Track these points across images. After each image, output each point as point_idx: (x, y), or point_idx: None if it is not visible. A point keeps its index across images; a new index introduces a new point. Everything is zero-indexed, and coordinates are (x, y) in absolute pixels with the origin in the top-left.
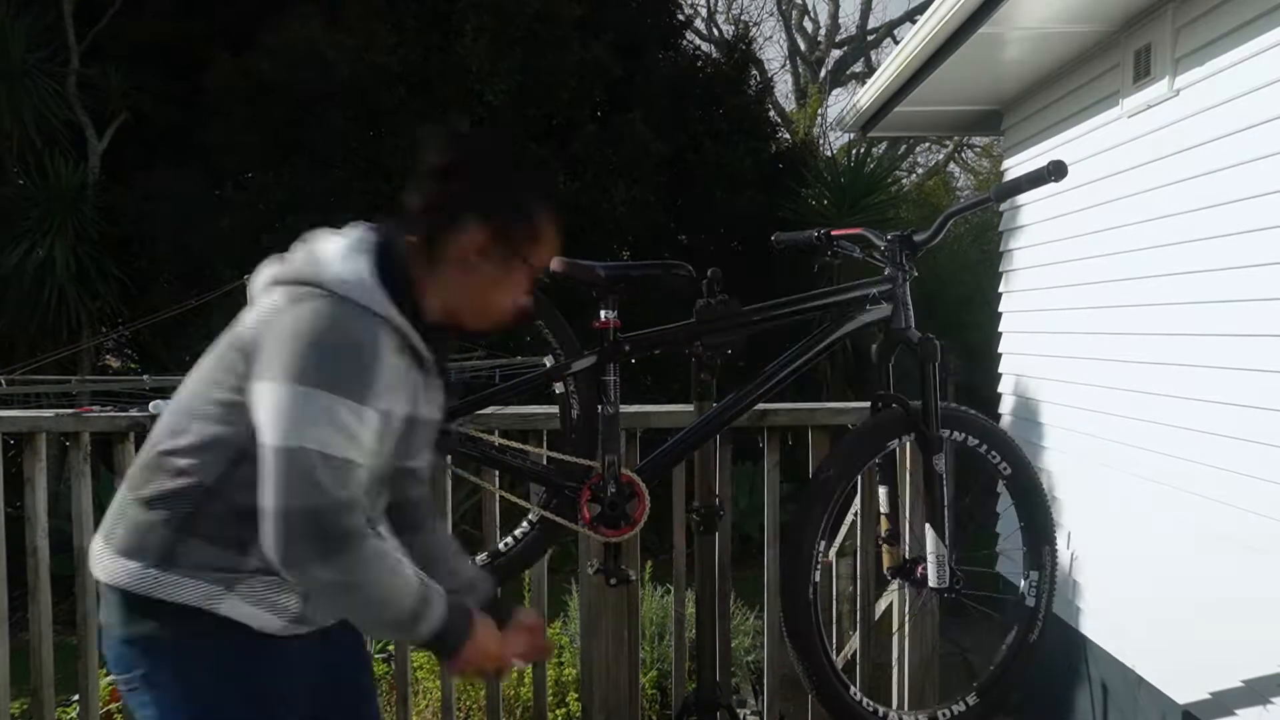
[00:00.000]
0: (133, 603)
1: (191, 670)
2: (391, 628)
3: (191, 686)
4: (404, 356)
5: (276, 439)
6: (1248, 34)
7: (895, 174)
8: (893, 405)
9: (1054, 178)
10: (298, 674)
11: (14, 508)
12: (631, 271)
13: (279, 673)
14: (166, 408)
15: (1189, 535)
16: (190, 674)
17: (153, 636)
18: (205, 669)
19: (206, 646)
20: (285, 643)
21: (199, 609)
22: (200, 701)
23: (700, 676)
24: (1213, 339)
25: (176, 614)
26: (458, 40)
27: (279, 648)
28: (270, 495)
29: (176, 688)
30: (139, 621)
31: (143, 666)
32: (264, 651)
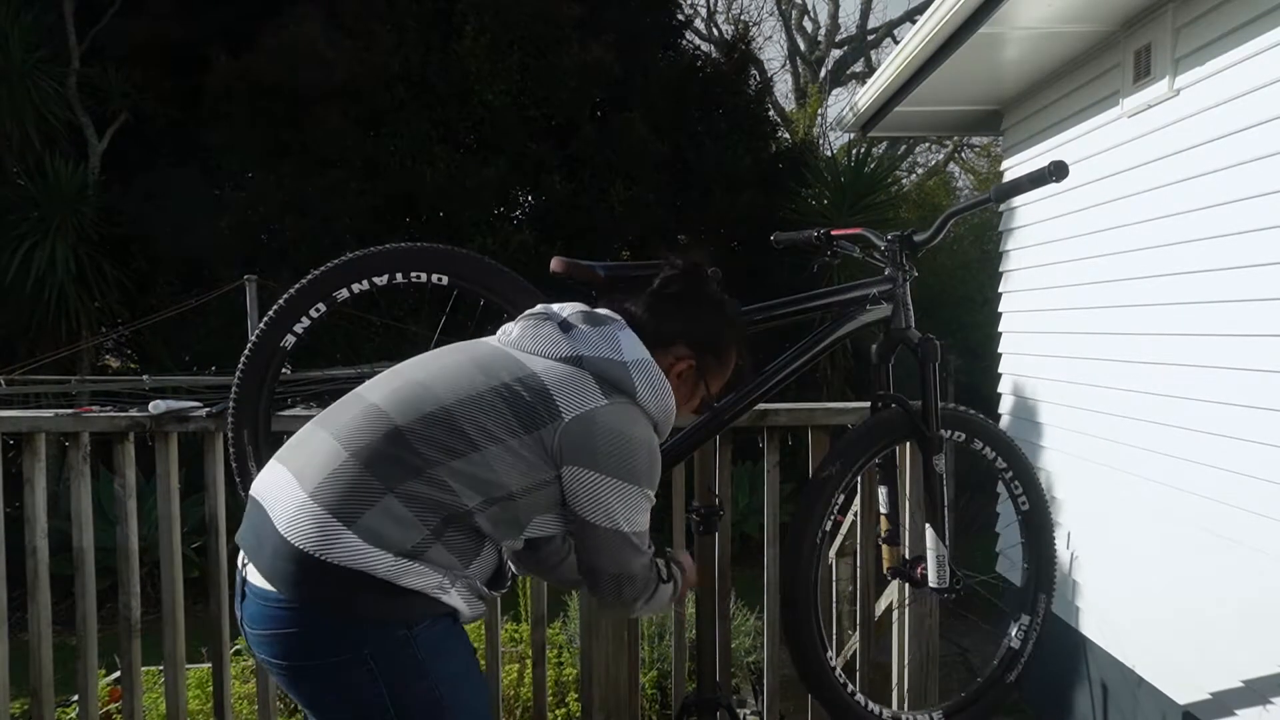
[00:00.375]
0: (375, 586)
1: (437, 640)
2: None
3: (439, 652)
4: None
5: (616, 524)
6: (1248, 34)
7: (895, 174)
8: (891, 405)
9: (1055, 178)
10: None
11: (13, 508)
12: (630, 271)
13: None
14: (422, 408)
15: (1189, 535)
16: (438, 643)
17: (389, 616)
18: (440, 639)
19: (438, 622)
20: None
21: (429, 595)
22: (451, 663)
23: (700, 676)
24: (1213, 339)
25: (412, 597)
26: (457, 41)
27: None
28: (606, 561)
29: (421, 657)
30: (379, 603)
31: (371, 643)
32: (463, 632)
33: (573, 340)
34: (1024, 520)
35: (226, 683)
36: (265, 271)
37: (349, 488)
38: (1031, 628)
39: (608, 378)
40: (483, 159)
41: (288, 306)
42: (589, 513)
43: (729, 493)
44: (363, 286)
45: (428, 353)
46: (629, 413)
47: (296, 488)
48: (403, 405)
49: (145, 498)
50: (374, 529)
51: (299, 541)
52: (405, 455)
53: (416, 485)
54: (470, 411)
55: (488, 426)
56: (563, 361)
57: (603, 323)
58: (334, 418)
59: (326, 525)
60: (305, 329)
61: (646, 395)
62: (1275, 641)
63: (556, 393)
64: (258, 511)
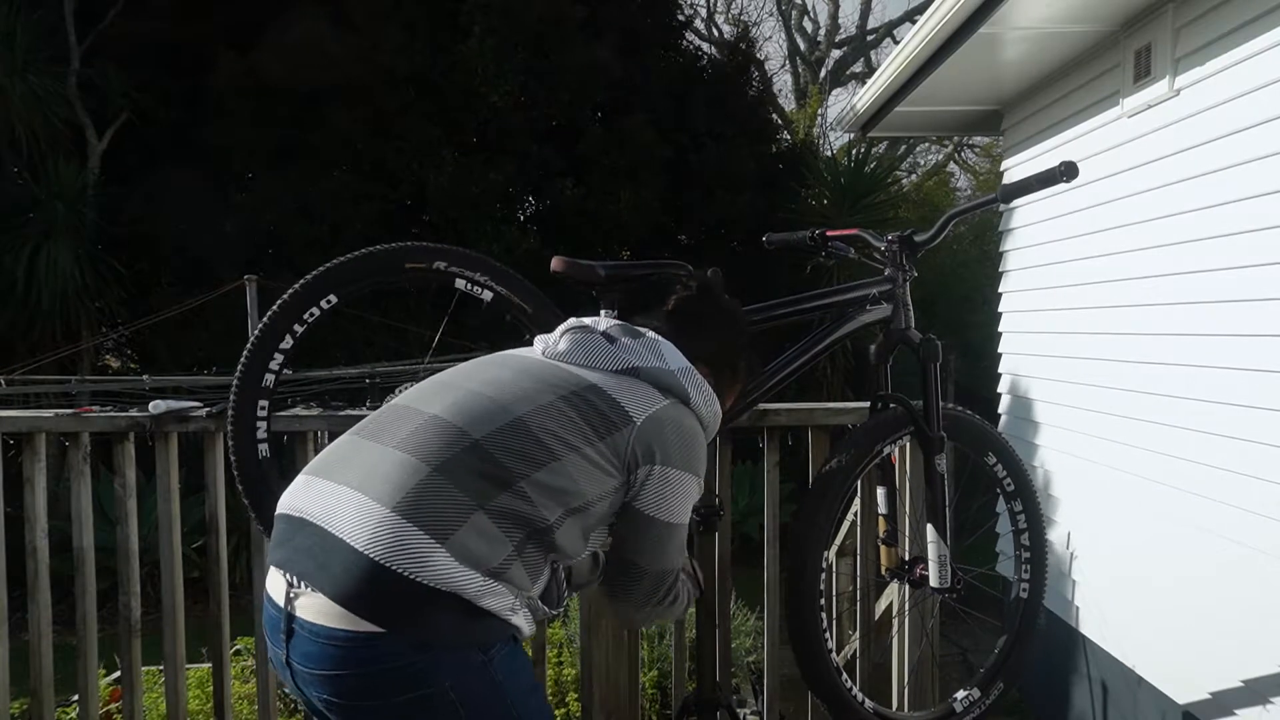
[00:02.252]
0: (460, 607)
1: (508, 660)
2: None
3: (512, 672)
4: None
5: (673, 517)
6: (1248, 34)
7: (895, 174)
8: (890, 405)
9: (1065, 178)
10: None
11: (13, 508)
12: (631, 271)
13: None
14: (497, 419)
15: (1189, 535)
16: (510, 663)
17: (469, 640)
18: (510, 659)
19: (506, 644)
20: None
21: (502, 617)
22: (521, 680)
23: (700, 676)
24: (1213, 339)
25: (490, 619)
26: (464, 42)
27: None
28: (649, 559)
29: (499, 679)
30: (461, 625)
31: (450, 673)
32: (523, 649)
33: (622, 352)
34: (1008, 491)
35: (226, 683)
36: (267, 273)
37: (439, 502)
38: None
39: (662, 385)
40: (487, 161)
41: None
42: (653, 508)
43: (729, 493)
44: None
45: (467, 364)
46: (687, 412)
47: (370, 503)
48: (473, 417)
49: (145, 498)
50: (466, 546)
51: (386, 559)
52: (489, 468)
53: (504, 499)
54: (544, 421)
55: (564, 436)
56: (618, 374)
57: (642, 335)
58: (390, 430)
59: (418, 542)
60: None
61: (698, 400)
62: (1275, 641)
63: (623, 399)
64: (312, 531)
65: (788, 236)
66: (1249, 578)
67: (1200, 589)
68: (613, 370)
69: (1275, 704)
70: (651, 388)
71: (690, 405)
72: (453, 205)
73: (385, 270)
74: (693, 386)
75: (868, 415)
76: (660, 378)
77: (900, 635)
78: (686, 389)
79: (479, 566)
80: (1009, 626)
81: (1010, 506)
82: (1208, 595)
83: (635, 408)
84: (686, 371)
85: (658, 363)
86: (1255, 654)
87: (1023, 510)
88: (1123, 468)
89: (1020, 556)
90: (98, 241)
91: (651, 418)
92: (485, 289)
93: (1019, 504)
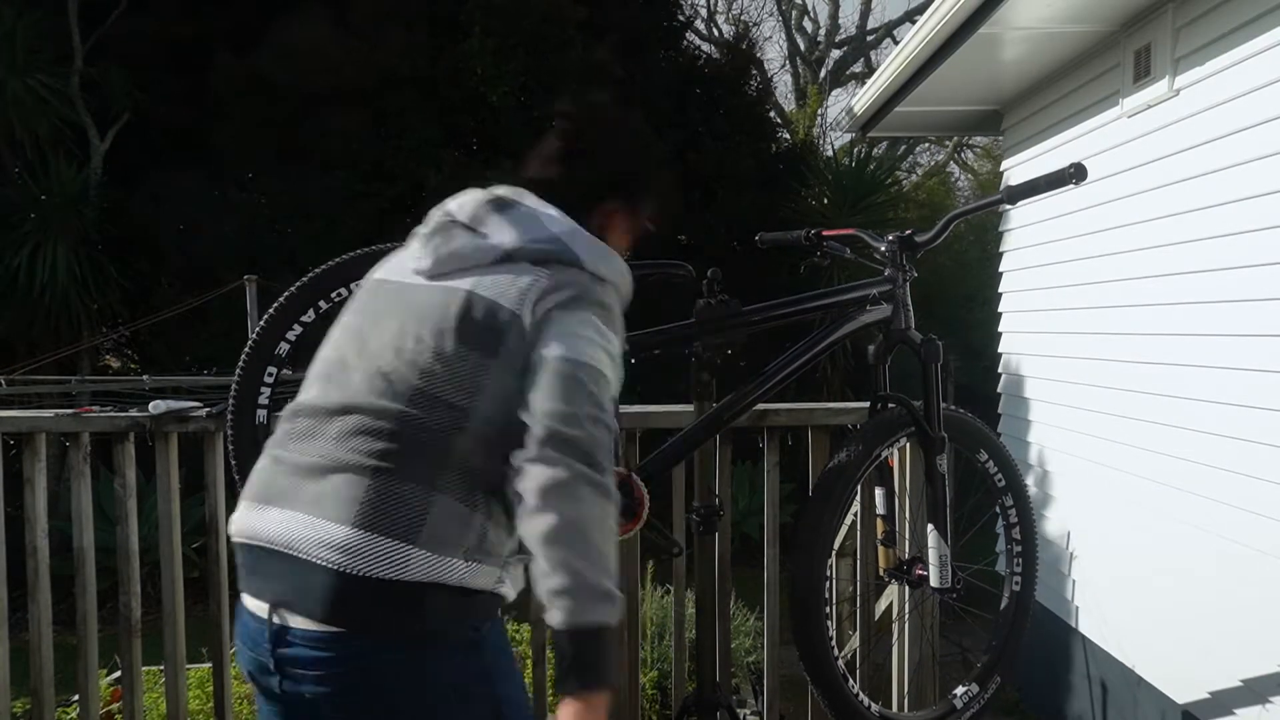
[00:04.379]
0: (451, 593)
1: (498, 638)
2: (586, 589)
3: (502, 654)
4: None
5: (578, 353)
6: (1248, 34)
7: (895, 174)
8: (890, 405)
9: (1075, 180)
10: None
11: (14, 508)
12: (631, 271)
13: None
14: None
15: (1188, 535)
16: (499, 640)
17: (463, 617)
18: (499, 635)
19: (497, 622)
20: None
21: (492, 591)
22: (507, 667)
23: (700, 676)
24: (1213, 339)
25: (480, 597)
26: (464, 43)
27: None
28: (554, 403)
29: (489, 662)
30: (452, 607)
31: (443, 661)
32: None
33: (493, 238)
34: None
35: (227, 683)
36: (268, 273)
37: (391, 504)
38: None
39: (546, 259)
40: (486, 160)
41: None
42: (546, 347)
43: (729, 493)
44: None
45: (340, 330)
46: (578, 274)
47: (329, 525)
48: (380, 398)
49: (145, 498)
50: (437, 535)
51: (365, 570)
52: (422, 449)
53: (450, 474)
54: (443, 375)
55: (468, 381)
56: (491, 267)
57: (510, 206)
58: (305, 440)
59: (390, 549)
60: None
61: (592, 260)
62: (1275, 641)
63: (505, 300)
64: (281, 558)
65: (782, 236)
66: (1249, 577)
67: (1200, 589)
68: (485, 265)
69: (1275, 704)
70: (533, 267)
71: (585, 268)
72: None
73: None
74: (581, 246)
75: (867, 415)
76: (540, 253)
77: (900, 636)
78: (575, 252)
79: (457, 549)
80: (1003, 620)
81: (1001, 502)
82: (1207, 595)
83: (518, 302)
84: (571, 233)
85: (531, 235)
86: (1255, 653)
87: (1013, 505)
88: (1122, 467)
89: (1012, 551)
90: (98, 241)
91: (539, 304)
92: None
93: (1009, 499)
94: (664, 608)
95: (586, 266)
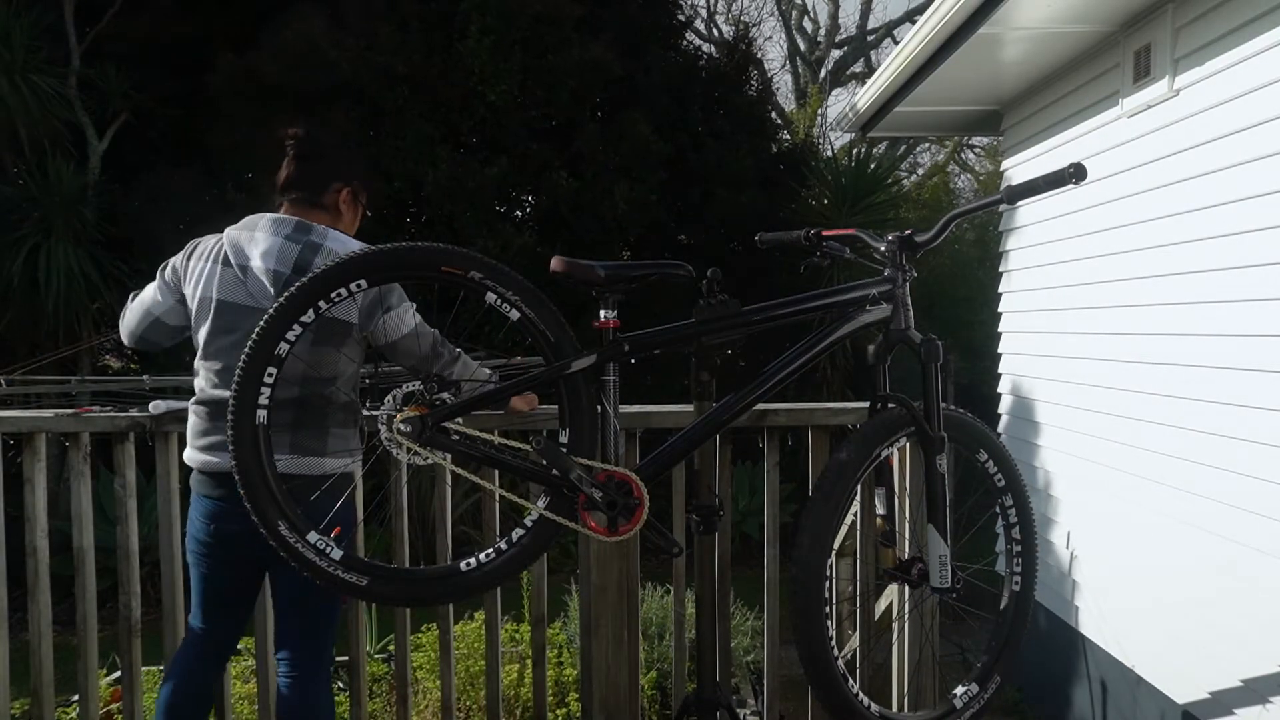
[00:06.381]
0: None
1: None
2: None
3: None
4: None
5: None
6: (1247, 34)
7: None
8: (890, 405)
9: (1075, 180)
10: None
11: (14, 508)
12: (631, 271)
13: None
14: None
15: (1188, 534)
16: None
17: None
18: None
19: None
20: None
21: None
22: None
23: (700, 676)
24: (1212, 339)
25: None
26: (461, 41)
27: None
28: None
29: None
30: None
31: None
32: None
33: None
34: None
35: (226, 683)
36: None
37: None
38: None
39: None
40: (484, 159)
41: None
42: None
43: (729, 493)
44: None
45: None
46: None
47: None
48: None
49: (145, 498)
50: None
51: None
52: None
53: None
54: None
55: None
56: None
57: (263, 232)
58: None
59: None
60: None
61: (328, 245)
62: (1275, 641)
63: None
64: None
65: (782, 236)
66: (1250, 577)
67: (1200, 589)
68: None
69: (1275, 704)
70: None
71: (334, 245)
72: (448, 201)
73: (421, 266)
74: (323, 237)
75: (867, 415)
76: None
77: (900, 636)
78: (316, 242)
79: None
80: (1003, 620)
81: (1001, 501)
82: (1208, 595)
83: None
84: (320, 238)
85: (278, 261)
86: (1255, 654)
87: (1013, 505)
88: (1123, 467)
89: (1011, 550)
90: (98, 241)
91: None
92: (514, 309)
93: (1009, 499)
94: (664, 608)
95: (329, 241)
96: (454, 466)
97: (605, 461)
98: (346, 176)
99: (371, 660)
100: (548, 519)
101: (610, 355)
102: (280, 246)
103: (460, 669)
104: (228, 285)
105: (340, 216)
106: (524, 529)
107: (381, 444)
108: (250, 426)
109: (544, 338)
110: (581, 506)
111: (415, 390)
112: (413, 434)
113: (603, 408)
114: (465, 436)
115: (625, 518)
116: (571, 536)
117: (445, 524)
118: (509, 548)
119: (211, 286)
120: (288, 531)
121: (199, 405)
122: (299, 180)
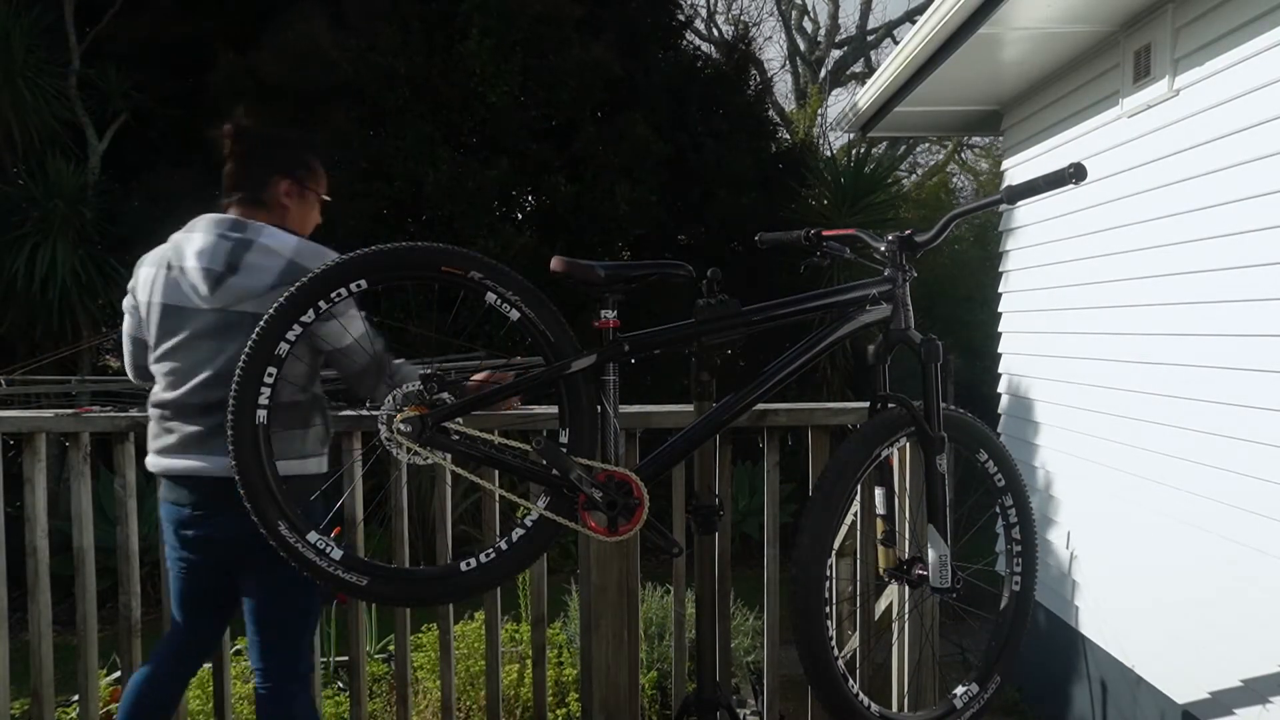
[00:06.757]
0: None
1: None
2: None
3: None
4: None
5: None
6: (1247, 34)
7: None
8: (890, 405)
9: (1075, 180)
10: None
11: (14, 508)
12: (631, 271)
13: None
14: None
15: (1188, 534)
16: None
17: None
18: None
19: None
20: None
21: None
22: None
23: (700, 676)
24: (1212, 339)
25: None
26: (461, 42)
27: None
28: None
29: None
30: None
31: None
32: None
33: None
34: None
35: (226, 683)
36: None
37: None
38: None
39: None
40: (485, 160)
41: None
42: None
43: (729, 493)
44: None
45: (180, 355)
46: (264, 249)
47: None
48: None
49: (145, 498)
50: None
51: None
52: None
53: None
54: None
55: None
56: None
57: (200, 231)
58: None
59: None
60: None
61: (267, 243)
62: (1275, 641)
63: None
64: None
65: (782, 236)
66: (1250, 577)
67: (1200, 588)
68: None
69: (1275, 703)
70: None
71: (267, 241)
72: (449, 202)
73: (421, 266)
74: (257, 234)
75: (867, 415)
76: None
77: (900, 636)
78: (249, 239)
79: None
80: (1003, 620)
81: (1001, 501)
82: (1208, 595)
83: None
84: (241, 239)
85: (219, 261)
86: (1255, 653)
87: (1013, 505)
88: (1123, 467)
89: (1011, 550)
90: (98, 241)
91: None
92: (514, 309)
93: (1009, 499)
94: (664, 608)
95: (269, 242)
96: (454, 466)
97: (605, 461)
98: (286, 169)
99: (371, 660)
100: (548, 519)
101: (610, 355)
102: (214, 244)
103: (460, 669)
104: (170, 288)
105: (287, 211)
106: (524, 529)
107: (381, 444)
108: (250, 427)
109: (544, 338)
110: (581, 506)
111: (415, 390)
112: (413, 434)
113: (603, 408)
114: (465, 436)
115: (625, 518)
116: (571, 536)
117: (445, 524)
118: (509, 548)
119: (156, 290)
120: (288, 532)
121: (153, 408)
122: (238, 181)
